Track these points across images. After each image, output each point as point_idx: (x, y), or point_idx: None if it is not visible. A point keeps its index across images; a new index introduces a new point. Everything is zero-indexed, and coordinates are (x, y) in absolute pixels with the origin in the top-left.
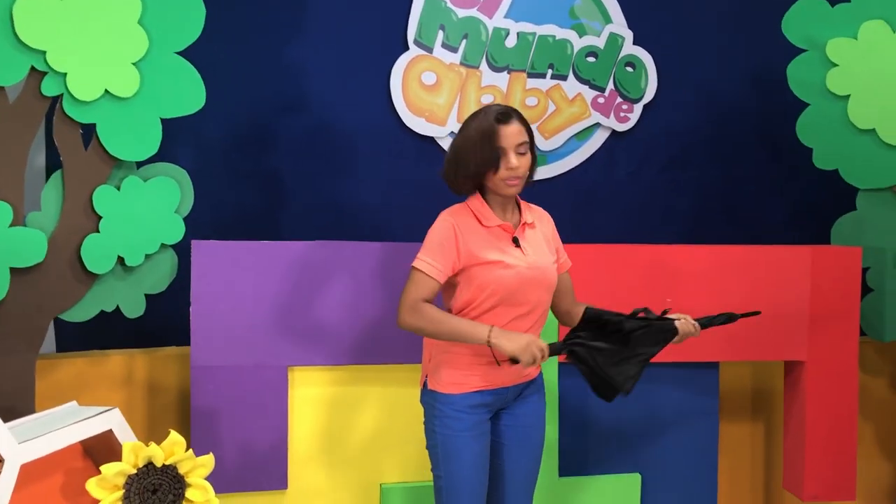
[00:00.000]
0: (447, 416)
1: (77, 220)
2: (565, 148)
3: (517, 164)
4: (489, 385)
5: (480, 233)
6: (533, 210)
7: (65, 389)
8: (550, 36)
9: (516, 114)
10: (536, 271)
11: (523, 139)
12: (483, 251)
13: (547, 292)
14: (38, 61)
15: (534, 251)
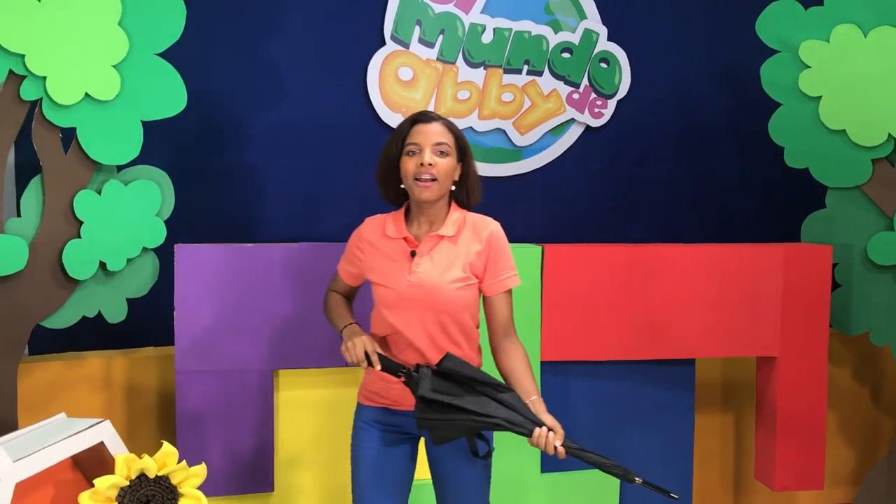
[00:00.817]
0: (355, 425)
1: (58, 225)
2: (540, 143)
3: (430, 160)
4: (391, 403)
5: (381, 246)
6: (467, 223)
7: (43, 393)
8: (526, 32)
9: (443, 119)
10: (419, 290)
11: (444, 139)
12: (374, 267)
13: (435, 313)
14: (16, 65)
15: (428, 267)
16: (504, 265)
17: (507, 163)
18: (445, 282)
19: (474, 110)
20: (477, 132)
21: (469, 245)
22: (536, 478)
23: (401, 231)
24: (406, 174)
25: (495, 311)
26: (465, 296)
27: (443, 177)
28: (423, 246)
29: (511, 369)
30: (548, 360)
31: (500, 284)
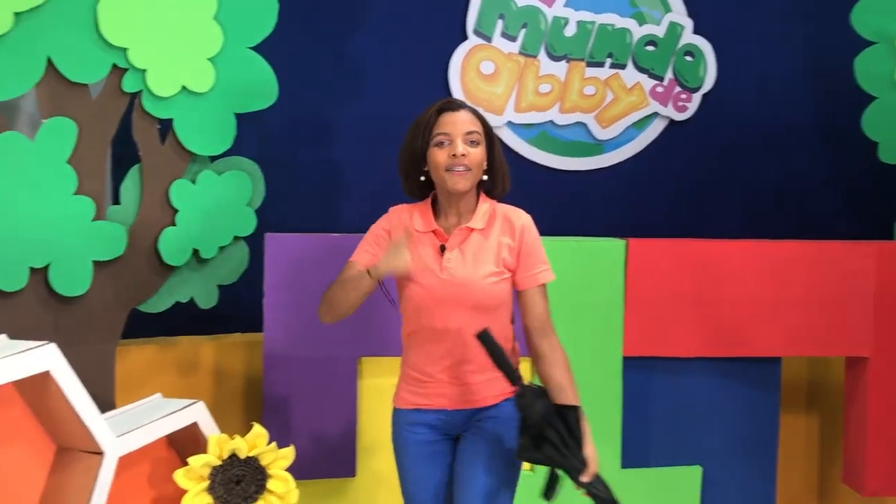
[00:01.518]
0: (394, 434)
1: (154, 213)
2: (622, 137)
3: (463, 151)
4: (427, 403)
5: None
6: (497, 214)
7: (137, 375)
8: (610, 25)
9: (469, 106)
10: (452, 286)
11: (474, 128)
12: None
13: (470, 312)
14: (119, 59)
15: (460, 262)
16: (536, 258)
17: (589, 157)
18: (479, 276)
19: (555, 104)
20: (557, 125)
21: (500, 237)
22: (616, 473)
23: (429, 224)
24: (436, 166)
25: (530, 307)
26: (499, 290)
27: (476, 166)
28: (453, 239)
29: (556, 380)
30: (630, 355)
31: (533, 278)
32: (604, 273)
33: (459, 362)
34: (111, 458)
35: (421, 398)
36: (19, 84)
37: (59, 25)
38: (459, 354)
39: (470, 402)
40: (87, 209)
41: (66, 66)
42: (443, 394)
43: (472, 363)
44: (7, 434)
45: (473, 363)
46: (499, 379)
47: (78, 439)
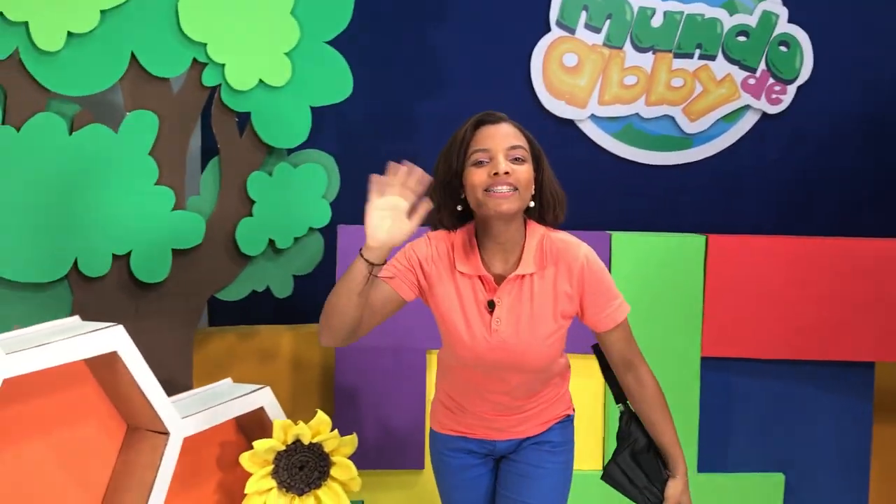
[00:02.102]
0: (433, 454)
1: (232, 204)
2: (712, 131)
3: (507, 169)
4: (467, 433)
5: (451, 280)
6: (547, 252)
7: (216, 362)
8: (699, 15)
9: (511, 120)
10: (504, 352)
11: (518, 142)
12: (446, 306)
13: (520, 374)
14: (199, 53)
15: (513, 324)
16: (607, 297)
17: (676, 151)
18: (537, 340)
19: (641, 96)
20: (643, 119)
21: (556, 283)
22: (692, 476)
23: (476, 268)
24: (474, 187)
25: (611, 348)
26: (557, 347)
27: (523, 186)
28: (503, 293)
29: (653, 420)
30: (708, 355)
31: (609, 319)
32: (683, 270)
33: (503, 412)
34: (176, 439)
35: (461, 426)
36: (104, 78)
37: (142, 22)
38: (504, 406)
39: (515, 433)
40: (167, 199)
41: (149, 61)
42: (486, 426)
43: (517, 413)
44: (81, 411)
45: (518, 413)
46: (546, 409)
47: (145, 419)
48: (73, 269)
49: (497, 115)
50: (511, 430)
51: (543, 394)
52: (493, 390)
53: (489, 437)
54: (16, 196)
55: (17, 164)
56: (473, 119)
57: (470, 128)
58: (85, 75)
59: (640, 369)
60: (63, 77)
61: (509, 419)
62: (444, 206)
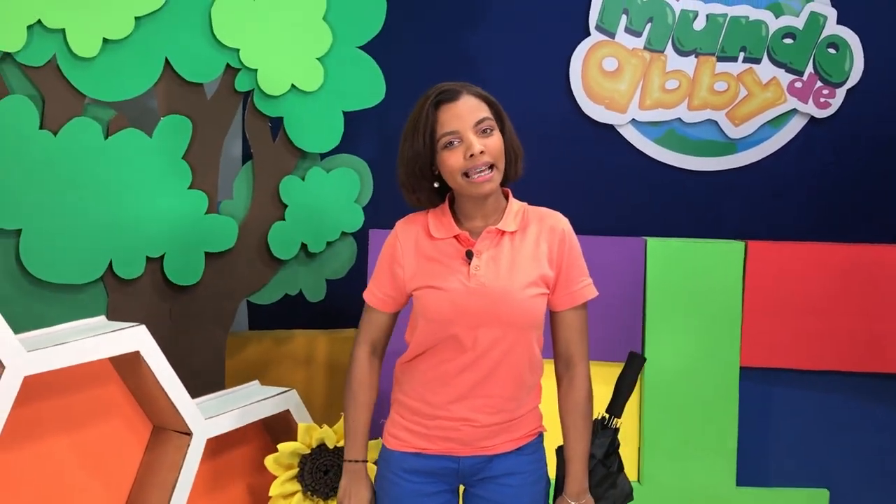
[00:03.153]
0: (379, 479)
1: (265, 208)
2: (757, 136)
3: (481, 148)
4: (429, 448)
5: (426, 249)
6: (530, 216)
7: (252, 366)
8: (743, 17)
9: (470, 87)
10: (482, 297)
11: (483, 114)
12: (419, 273)
13: (504, 328)
14: (232, 59)
15: (493, 269)
16: (579, 271)
17: (720, 156)
18: (517, 286)
19: (683, 100)
20: (686, 123)
21: (538, 242)
22: (731, 490)
23: (450, 229)
24: (451, 171)
25: (563, 329)
26: (538, 308)
27: (498, 157)
28: (482, 243)
29: (567, 428)
30: (748, 365)
31: (577, 295)
32: (721, 277)
33: (478, 394)
34: (199, 439)
35: (422, 440)
36: (139, 84)
37: (176, 28)
38: (480, 383)
39: (482, 447)
40: (200, 203)
41: (183, 67)
42: (450, 437)
43: (495, 396)
44: (105, 410)
45: (496, 396)
46: (521, 420)
47: (170, 419)
48: (108, 271)
49: (454, 90)
50: (478, 444)
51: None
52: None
53: (452, 453)
54: (53, 199)
55: (54, 167)
56: (431, 99)
57: (431, 109)
58: (120, 81)
59: (578, 368)
60: (99, 83)
61: (476, 425)
62: (419, 188)
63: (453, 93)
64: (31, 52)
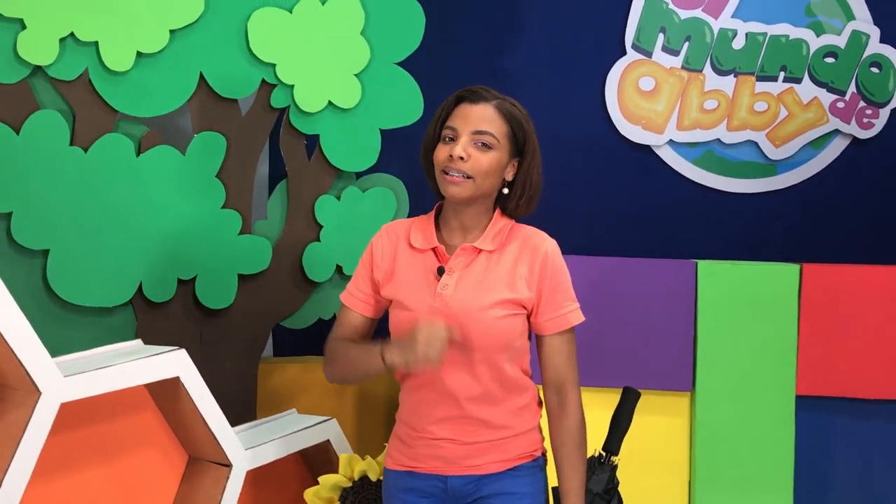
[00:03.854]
0: (384, 494)
1: (300, 228)
2: (798, 157)
3: (462, 154)
4: (417, 466)
5: (404, 258)
6: (514, 236)
7: (280, 394)
8: (783, 36)
9: (500, 100)
10: (445, 317)
11: (489, 128)
12: (393, 284)
13: (466, 349)
14: (268, 74)
15: (459, 287)
16: (564, 295)
17: (760, 178)
18: (479, 306)
19: (722, 121)
20: (725, 144)
21: (517, 264)
22: None
23: (429, 241)
24: (437, 163)
25: (550, 356)
26: (506, 328)
27: (480, 175)
28: (455, 261)
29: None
30: (804, 394)
31: (562, 320)
32: (776, 301)
33: (456, 415)
34: (239, 471)
35: (409, 458)
36: (173, 99)
37: (212, 42)
38: (453, 406)
39: (471, 466)
40: (234, 223)
41: (218, 82)
42: (437, 455)
43: (473, 418)
44: (140, 438)
45: (474, 418)
46: (514, 441)
47: (207, 450)
48: (138, 294)
49: (480, 93)
50: (463, 462)
51: (497, 410)
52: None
53: (438, 472)
54: (82, 218)
55: (83, 185)
56: (457, 92)
57: (452, 101)
58: (153, 96)
59: (570, 396)
60: (132, 98)
61: (458, 443)
62: (428, 172)
63: (477, 96)
64: (62, 66)
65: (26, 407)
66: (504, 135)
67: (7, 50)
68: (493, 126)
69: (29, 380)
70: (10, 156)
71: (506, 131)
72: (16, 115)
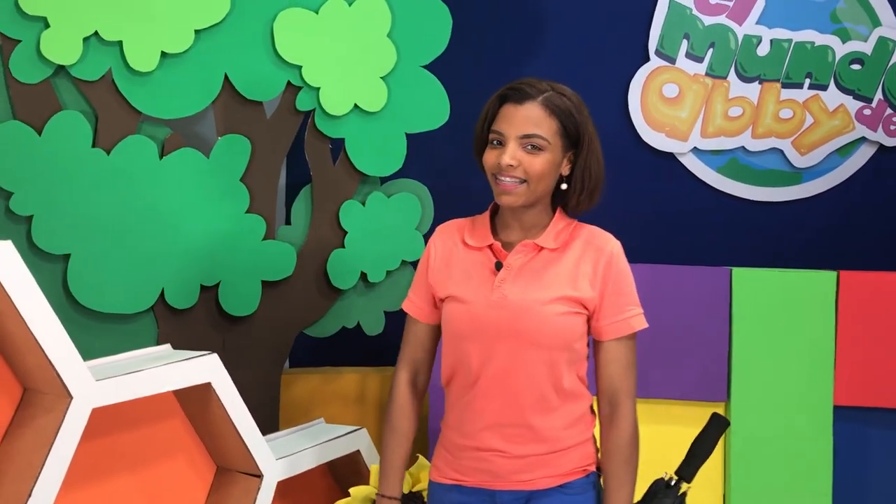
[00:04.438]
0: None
1: (324, 234)
2: (824, 165)
3: (511, 161)
4: (463, 479)
5: (459, 257)
6: (577, 235)
7: (300, 405)
8: (809, 42)
9: (547, 94)
10: (502, 309)
11: (537, 130)
12: (448, 281)
13: (523, 345)
14: (294, 76)
15: (519, 281)
16: (627, 299)
17: (785, 186)
18: (538, 300)
19: (747, 128)
20: (750, 152)
21: (580, 262)
22: None
23: (485, 238)
24: (486, 167)
25: (608, 364)
26: (567, 326)
27: (535, 178)
28: (514, 257)
29: (608, 476)
30: (842, 404)
31: (623, 325)
32: (812, 309)
33: (506, 422)
34: (270, 482)
35: (455, 470)
36: (197, 101)
37: (237, 43)
38: (505, 408)
39: (521, 481)
40: (258, 228)
41: (243, 84)
42: (482, 468)
43: (523, 425)
44: (168, 447)
45: (524, 425)
46: (566, 454)
47: (237, 459)
48: (160, 300)
49: (524, 91)
50: (512, 478)
51: (551, 419)
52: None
53: (486, 486)
54: (103, 221)
55: (105, 188)
56: (501, 91)
57: (495, 101)
58: (177, 97)
59: (623, 408)
60: (155, 99)
61: (507, 456)
62: (480, 166)
63: (521, 95)
64: (86, 66)
65: (56, 412)
66: (555, 132)
67: (30, 49)
68: (542, 126)
69: (60, 383)
70: (32, 157)
71: (556, 128)
72: (38, 116)
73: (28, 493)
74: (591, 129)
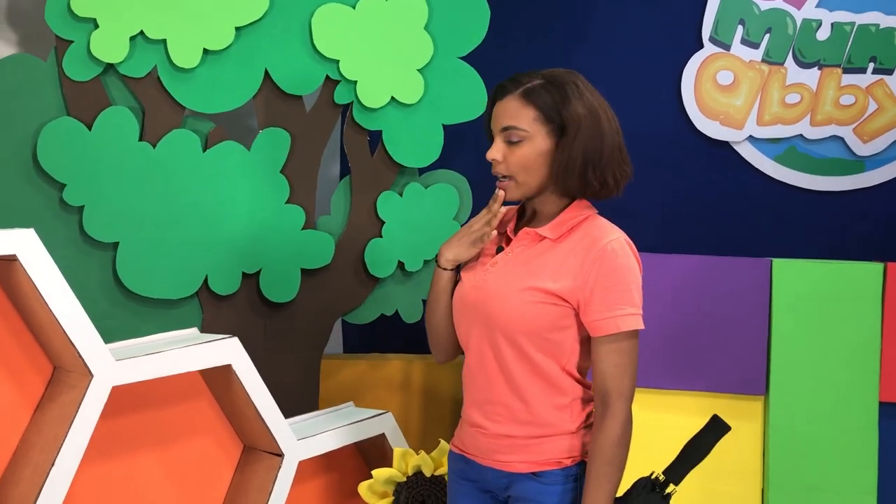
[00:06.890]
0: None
1: (362, 224)
2: (889, 153)
3: (495, 156)
4: (466, 451)
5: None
6: (582, 228)
7: (346, 390)
8: (873, 25)
9: (526, 86)
10: (479, 292)
11: (512, 122)
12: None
13: (491, 329)
14: (332, 70)
15: (506, 266)
16: (618, 297)
17: (847, 175)
18: (513, 287)
19: (805, 115)
20: (809, 140)
21: (570, 255)
22: None
23: (507, 224)
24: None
25: (599, 362)
26: (538, 315)
27: (519, 170)
28: (516, 243)
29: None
30: (888, 400)
31: (609, 323)
32: (857, 302)
33: (487, 399)
34: (291, 461)
35: (461, 442)
36: (239, 96)
37: (276, 39)
38: (486, 387)
39: (500, 462)
40: (297, 218)
41: (282, 78)
42: (472, 443)
43: (499, 403)
44: (196, 426)
45: (500, 404)
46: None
47: (261, 439)
48: (204, 287)
49: (505, 86)
50: (492, 457)
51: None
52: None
53: (477, 461)
54: (150, 212)
55: (152, 180)
56: (492, 91)
57: (490, 100)
58: (220, 92)
59: (613, 409)
60: (198, 94)
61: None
62: None
63: (503, 91)
64: (132, 64)
65: (79, 389)
66: (532, 120)
67: (81, 49)
68: (518, 118)
69: (82, 363)
70: (83, 151)
71: (534, 116)
72: (88, 112)
73: (51, 463)
74: (578, 112)
